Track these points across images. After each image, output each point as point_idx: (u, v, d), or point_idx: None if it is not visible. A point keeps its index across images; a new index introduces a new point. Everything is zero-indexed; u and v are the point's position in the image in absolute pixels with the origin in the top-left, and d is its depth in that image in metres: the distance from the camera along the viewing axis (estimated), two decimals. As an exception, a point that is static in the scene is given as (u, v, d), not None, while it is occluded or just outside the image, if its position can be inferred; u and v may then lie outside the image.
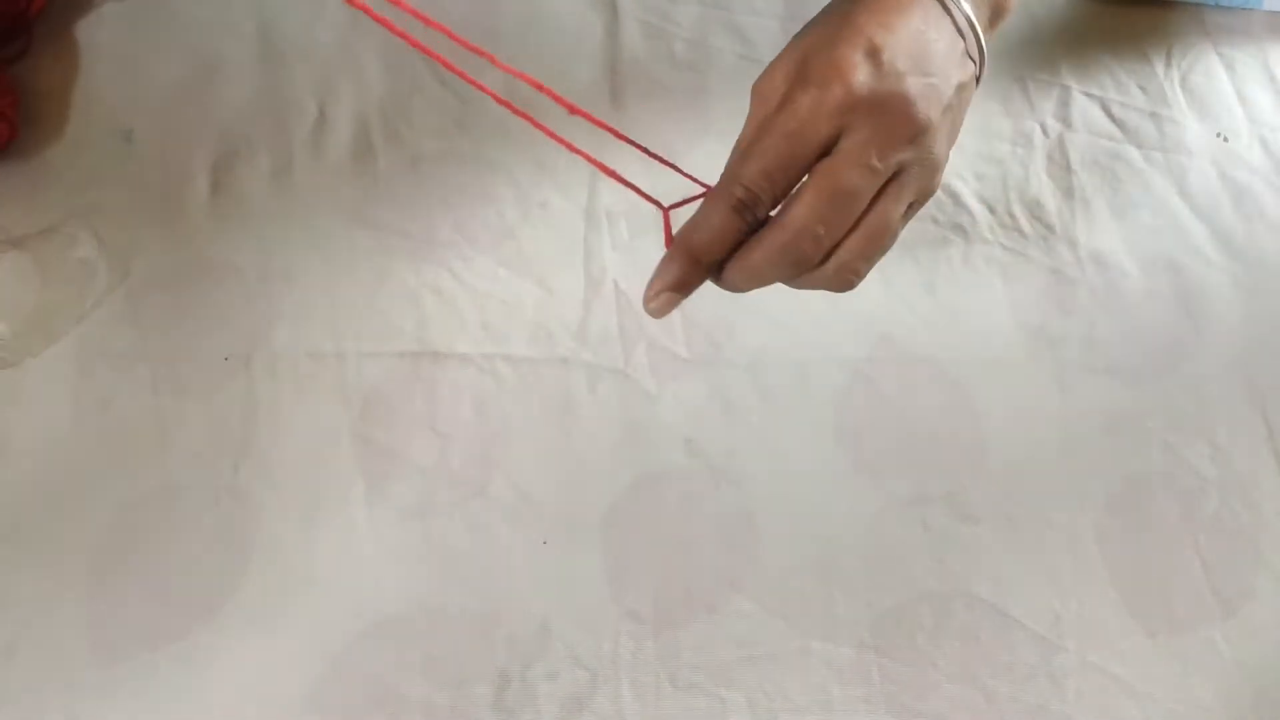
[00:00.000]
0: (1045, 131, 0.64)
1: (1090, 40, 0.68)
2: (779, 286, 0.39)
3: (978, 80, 0.40)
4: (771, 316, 0.56)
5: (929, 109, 0.38)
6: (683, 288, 0.38)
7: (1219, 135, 0.64)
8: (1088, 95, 0.65)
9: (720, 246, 0.38)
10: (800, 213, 0.36)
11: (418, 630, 0.48)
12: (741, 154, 0.38)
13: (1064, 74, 0.66)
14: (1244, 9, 0.69)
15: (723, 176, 0.38)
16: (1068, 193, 0.62)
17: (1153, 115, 0.65)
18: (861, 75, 0.36)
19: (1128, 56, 0.67)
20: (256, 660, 0.47)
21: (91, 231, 0.56)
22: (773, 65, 0.40)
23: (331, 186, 0.59)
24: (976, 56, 0.40)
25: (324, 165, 0.59)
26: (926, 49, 0.38)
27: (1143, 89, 0.66)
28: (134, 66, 0.62)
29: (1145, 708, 0.48)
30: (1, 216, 0.56)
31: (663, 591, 0.49)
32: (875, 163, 0.36)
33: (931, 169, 0.39)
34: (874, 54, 0.37)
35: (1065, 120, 0.64)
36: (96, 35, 0.63)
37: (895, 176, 0.37)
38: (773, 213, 0.37)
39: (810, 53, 0.38)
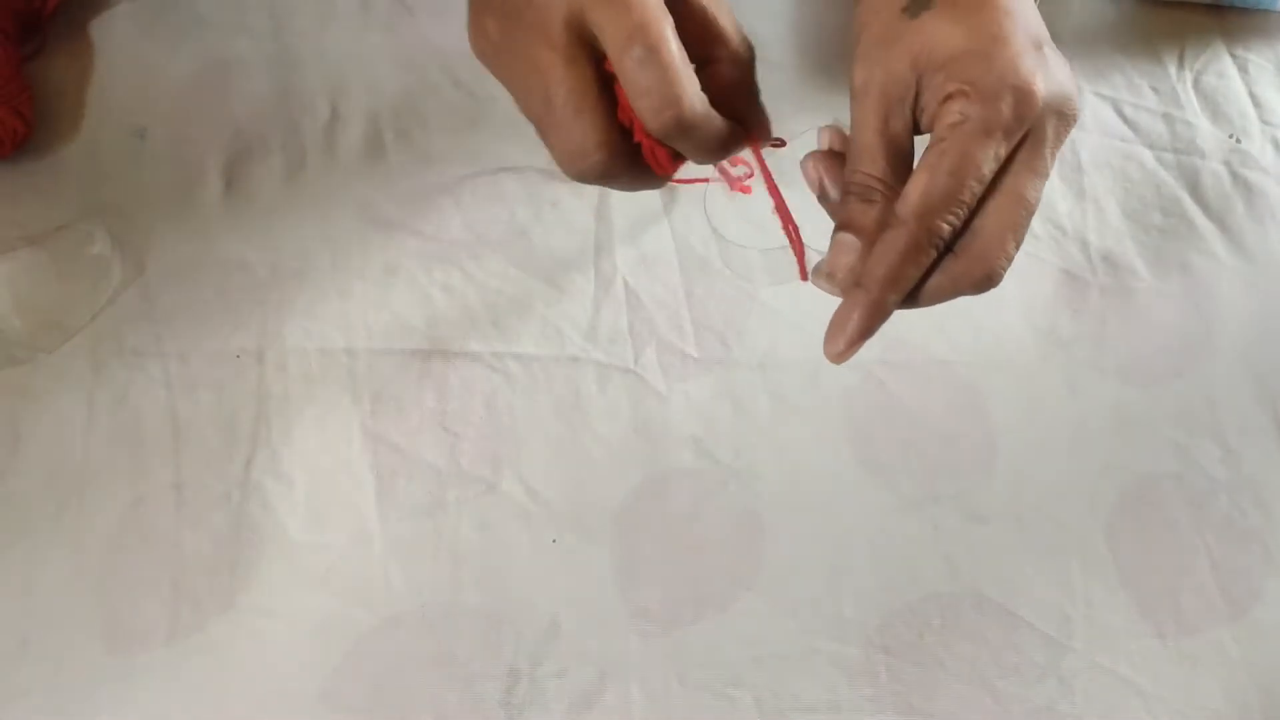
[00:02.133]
0: (1056, 132, 0.64)
1: (1102, 40, 0.68)
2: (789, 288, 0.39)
3: None
4: (781, 316, 0.56)
5: (1078, 95, 0.36)
6: (872, 334, 0.36)
7: (1231, 136, 0.64)
8: (1099, 96, 0.65)
9: (914, 283, 0.35)
10: (998, 243, 0.35)
11: (427, 627, 0.48)
12: (928, 184, 0.34)
13: (1075, 74, 0.66)
14: (1258, 9, 0.69)
15: (907, 210, 0.34)
16: (1079, 193, 0.61)
17: (1165, 116, 0.65)
18: (1041, 81, 0.34)
19: (1140, 57, 0.67)
20: (269, 655, 0.47)
21: (105, 228, 0.56)
22: (885, 52, 0.36)
23: (344, 184, 0.59)
24: None
25: (336, 163, 0.59)
26: (1045, 27, 0.37)
27: (1155, 90, 0.66)
28: (147, 65, 0.62)
29: (1153, 709, 0.48)
30: (16, 213, 0.56)
31: (671, 590, 0.49)
32: (1050, 168, 0.35)
33: None
34: (1039, 48, 0.35)
35: (1077, 121, 0.64)
36: (110, 34, 0.63)
37: None
38: None
39: (968, 50, 0.34)
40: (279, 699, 0.46)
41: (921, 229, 0.34)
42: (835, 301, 0.36)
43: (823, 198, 0.39)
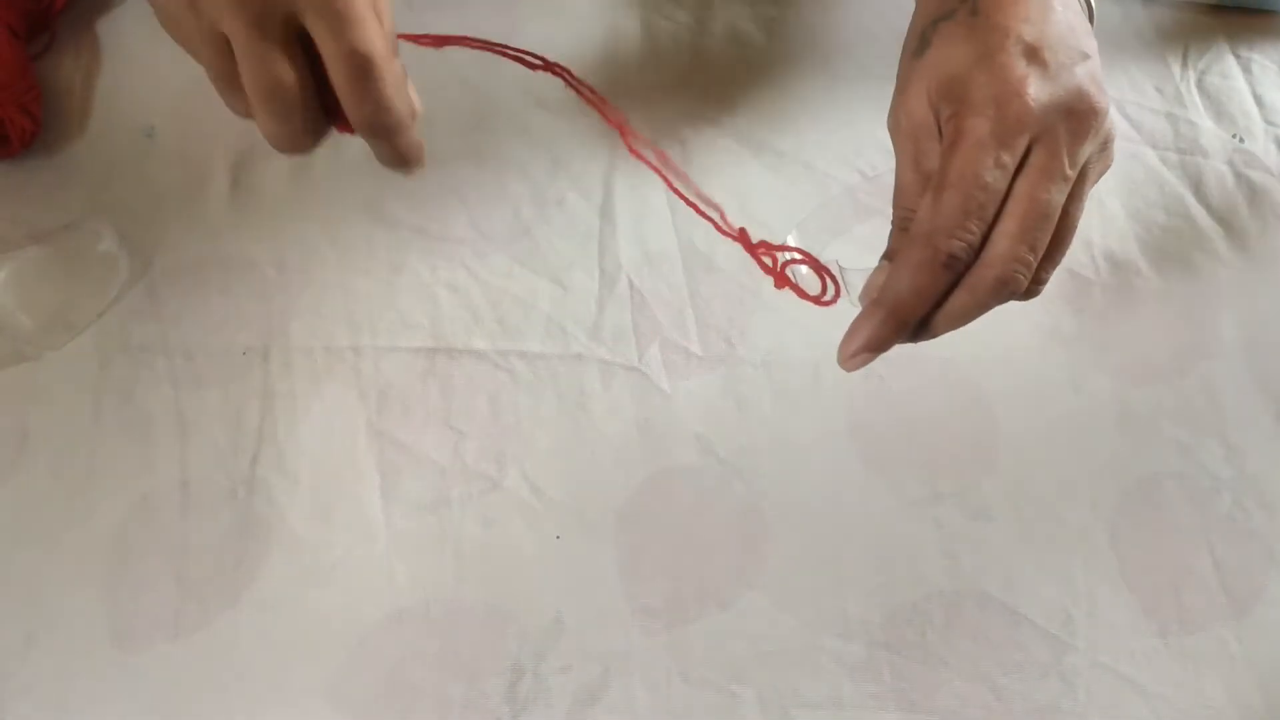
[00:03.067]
0: (1060, 132, 0.64)
1: (1106, 40, 0.67)
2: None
3: None
4: (784, 314, 0.56)
5: (1100, 92, 0.36)
6: (884, 348, 0.37)
7: (1234, 136, 0.64)
8: (1103, 96, 0.65)
9: (929, 305, 0.36)
10: (1007, 246, 0.34)
11: (432, 622, 0.48)
12: (931, 204, 0.35)
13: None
14: (1261, 10, 0.69)
15: (917, 230, 0.35)
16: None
17: (1168, 116, 0.65)
18: (1034, 84, 0.34)
19: (1143, 57, 0.67)
20: (275, 650, 0.47)
21: (113, 226, 0.56)
22: (904, 95, 0.37)
23: (349, 183, 0.59)
24: (1089, 19, 0.39)
25: (342, 162, 0.60)
26: (1072, 29, 0.37)
27: (1159, 90, 0.66)
28: (155, 63, 0.62)
29: (1156, 708, 0.48)
30: (24, 211, 0.57)
31: (675, 587, 0.49)
32: (1069, 170, 0.35)
33: (1109, 146, 0.37)
34: (1034, 55, 0.35)
35: (1100, 114, 0.64)
36: (118, 32, 0.63)
37: (1082, 171, 0.36)
38: None
39: (960, 71, 0.35)
40: (283, 694, 0.46)
41: (927, 246, 0.35)
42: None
43: None
